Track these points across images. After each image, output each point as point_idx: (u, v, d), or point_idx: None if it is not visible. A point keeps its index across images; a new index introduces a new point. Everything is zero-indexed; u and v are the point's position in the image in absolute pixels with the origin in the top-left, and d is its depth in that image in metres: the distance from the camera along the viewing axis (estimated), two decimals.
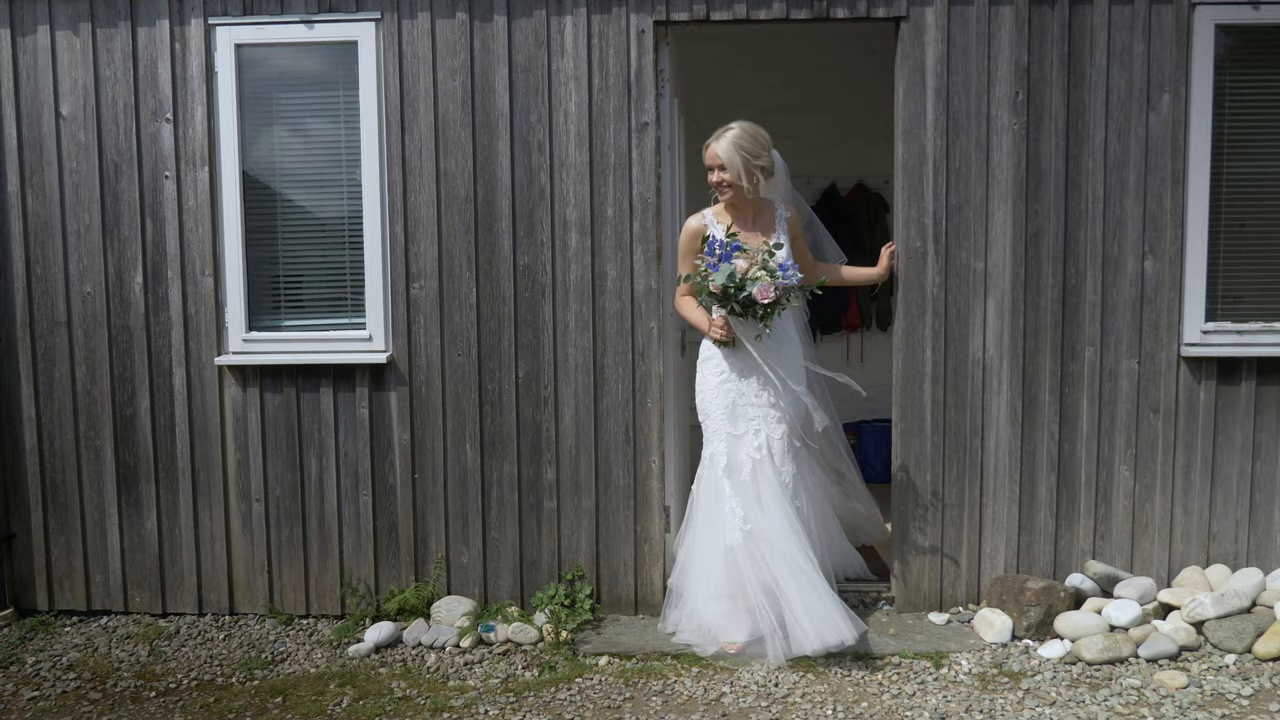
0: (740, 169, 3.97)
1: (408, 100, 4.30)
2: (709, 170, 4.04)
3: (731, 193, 4.02)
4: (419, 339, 4.36)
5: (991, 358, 4.24)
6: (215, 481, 4.47)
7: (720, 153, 3.98)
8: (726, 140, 3.97)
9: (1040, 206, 4.18)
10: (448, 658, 4.04)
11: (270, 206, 4.42)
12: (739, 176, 3.97)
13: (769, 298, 3.79)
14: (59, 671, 4.02)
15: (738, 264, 3.82)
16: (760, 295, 3.79)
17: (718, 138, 4.00)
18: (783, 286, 3.82)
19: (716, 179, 4.02)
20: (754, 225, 4.10)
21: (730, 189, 4.01)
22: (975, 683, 3.68)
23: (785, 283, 3.82)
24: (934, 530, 4.30)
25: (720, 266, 3.84)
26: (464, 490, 4.40)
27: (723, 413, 4.04)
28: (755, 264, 3.84)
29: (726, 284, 3.80)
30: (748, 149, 3.98)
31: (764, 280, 3.79)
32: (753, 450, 3.99)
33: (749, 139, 3.99)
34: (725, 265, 3.83)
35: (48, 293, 4.45)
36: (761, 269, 3.83)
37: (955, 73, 4.17)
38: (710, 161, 4.03)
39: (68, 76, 4.38)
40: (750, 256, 3.85)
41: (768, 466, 3.99)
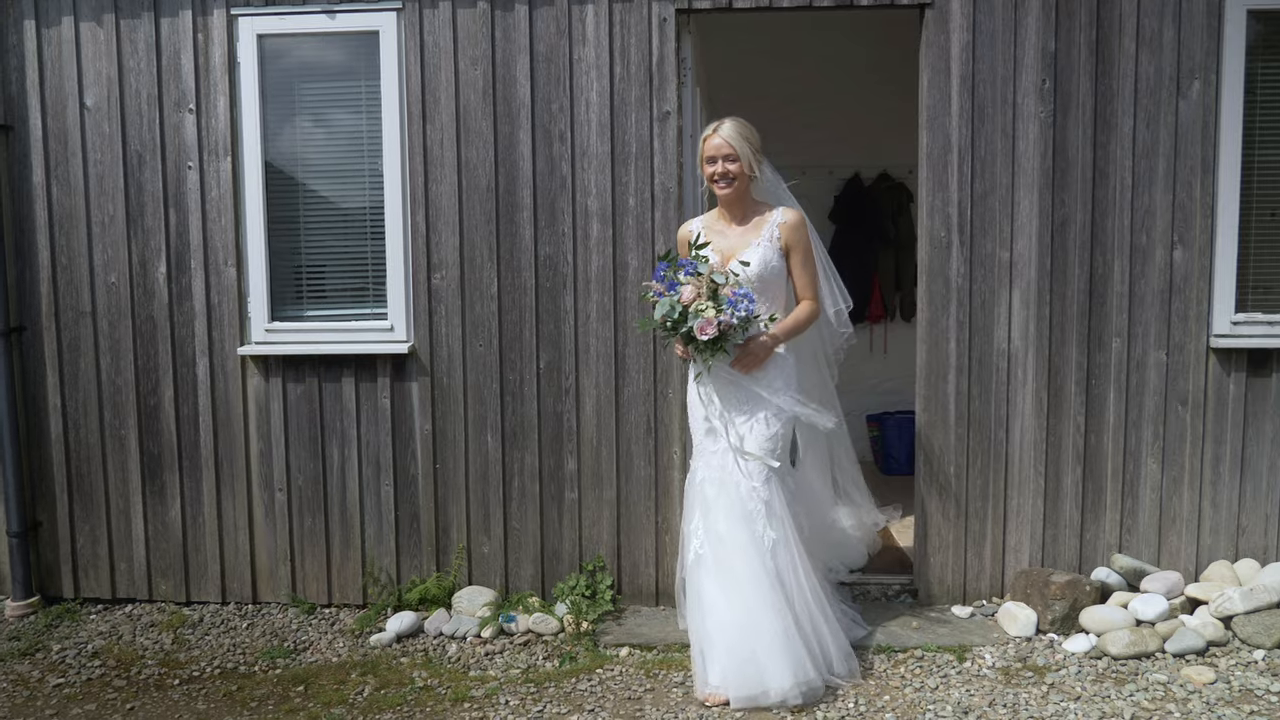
0: (750, 157, 3.71)
1: (429, 90, 4.29)
2: (709, 163, 3.72)
3: (736, 187, 3.71)
4: (440, 329, 4.36)
5: (1017, 349, 4.20)
6: (238, 471, 4.50)
7: (730, 140, 3.69)
8: (730, 128, 3.71)
9: (1067, 195, 4.13)
10: (469, 648, 4.04)
11: (292, 197, 4.43)
12: (749, 166, 3.71)
13: (708, 334, 3.42)
14: (84, 659, 4.05)
15: (684, 292, 3.46)
16: (699, 331, 3.43)
17: (716, 129, 3.72)
18: (725, 324, 3.43)
19: (722, 170, 3.70)
20: (743, 230, 3.77)
21: (736, 181, 3.71)
22: (999, 676, 3.65)
23: (727, 320, 3.43)
24: (957, 523, 4.26)
25: (663, 297, 3.50)
26: (485, 480, 4.40)
27: (701, 427, 3.76)
28: (702, 294, 3.47)
29: (667, 316, 3.48)
30: (749, 138, 3.73)
31: (706, 314, 3.43)
32: (717, 469, 3.67)
33: (748, 128, 3.75)
34: (666, 298, 3.49)
35: (73, 283, 4.48)
36: (708, 299, 3.47)
37: (981, 60, 4.12)
38: (714, 153, 3.71)
39: (92, 67, 4.40)
40: (699, 284, 3.48)
41: (731, 490, 3.63)
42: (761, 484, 3.62)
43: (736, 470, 3.64)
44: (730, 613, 3.53)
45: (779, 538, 3.59)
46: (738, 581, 3.55)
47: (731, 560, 3.57)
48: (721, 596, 3.56)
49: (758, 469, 3.62)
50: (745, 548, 3.57)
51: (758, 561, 3.55)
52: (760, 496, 3.61)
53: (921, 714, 3.39)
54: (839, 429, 4.16)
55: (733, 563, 3.57)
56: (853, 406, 4.84)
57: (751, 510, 3.59)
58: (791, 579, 3.60)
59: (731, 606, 3.53)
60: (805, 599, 3.60)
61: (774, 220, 3.75)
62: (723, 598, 3.56)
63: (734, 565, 3.57)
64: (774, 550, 3.57)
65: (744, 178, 3.72)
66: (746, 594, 3.53)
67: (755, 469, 3.62)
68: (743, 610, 3.52)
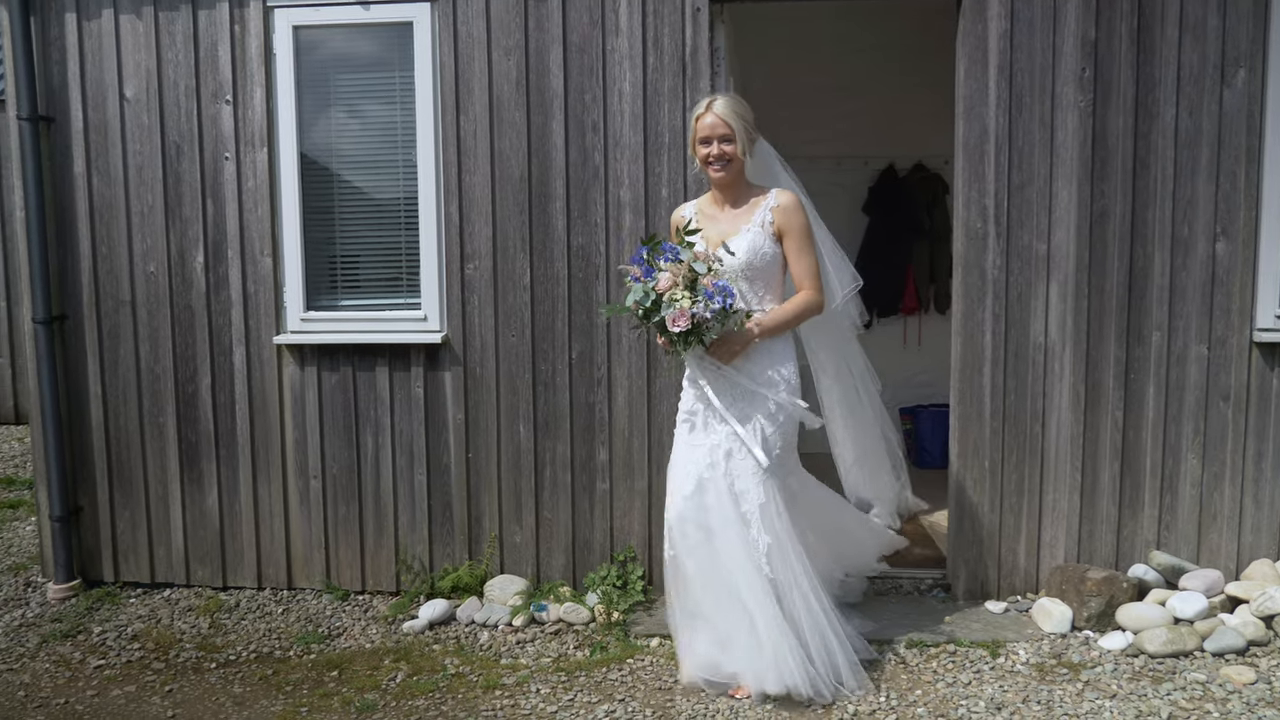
0: (744, 138, 3.51)
1: (462, 81, 4.30)
2: (703, 144, 3.52)
3: (731, 169, 3.53)
4: (473, 319, 4.38)
5: (1054, 342, 4.14)
6: (274, 459, 4.55)
7: (726, 119, 3.47)
8: (724, 105, 3.50)
9: (1107, 186, 4.07)
10: (500, 636, 4.07)
11: (327, 187, 4.46)
12: (744, 147, 3.51)
13: (679, 327, 3.26)
14: (124, 641, 4.12)
15: (660, 279, 3.29)
16: (671, 322, 3.27)
17: (709, 107, 3.51)
18: (700, 316, 3.25)
19: (717, 153, 3.49)
20: (736, 215, 3.60)
21: (731, 164, 3.52)
22: (1033, 673, 3.62)
23: (700, 314, 3.25)
24: (992, 517, 4.22)
25: (638, 283, 3.34)
26: (517, 470, 4.42)
27: (685, 420, 3.60)
28: (679, 283, 3.30)
29: (640, 303, 3.32)
30: (744, 116, 3.52)
31: (680, 305, 3.26)
32: (703, 466, 3.50)
33: (742, 104, 3.56)
34: (641, 283, 3.33)
35: (112, 272, 4.54)
36: (685, 289, 3.29)
37: (1019, 49, 4.06)
38: (709, 133, 3.50)
39: (131, 59, 4.46)
40: (677, 272, 3.30)
41: (721, 488, 3.47)
42: (756, 485, 3.46)
43: (729, 469, 3.48)
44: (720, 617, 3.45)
45: (774, 542, 3.44)
46: (730, 585, 3.43)
47: (724, 564, 3.44)
48: (708, 597, 3.47)
49: (752, 470, 3.47)
50: (737, 551, 3.42)
51: (750, 566, 3.41)
52: (754, 499, 3.45)
53: (954, 709, 3.37)
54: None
55: (727, 566, 3.44)
56: (886, 399, 4.79)
57: (745, 512, 3.45)
58: (788, 581, 3.45)
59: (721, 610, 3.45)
60: (808, 605, 3.46)
61: (767, 204, 3.56)
62: (710, 599, 3.47)
63: (728, 569, 3.44)
64: (769, 555, 3.43)
65: (739, 160, 3.53)
66: (742, 598, 3.41)
67: (750, 469, 3.47)
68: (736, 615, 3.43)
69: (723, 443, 3.50)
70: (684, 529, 3.49)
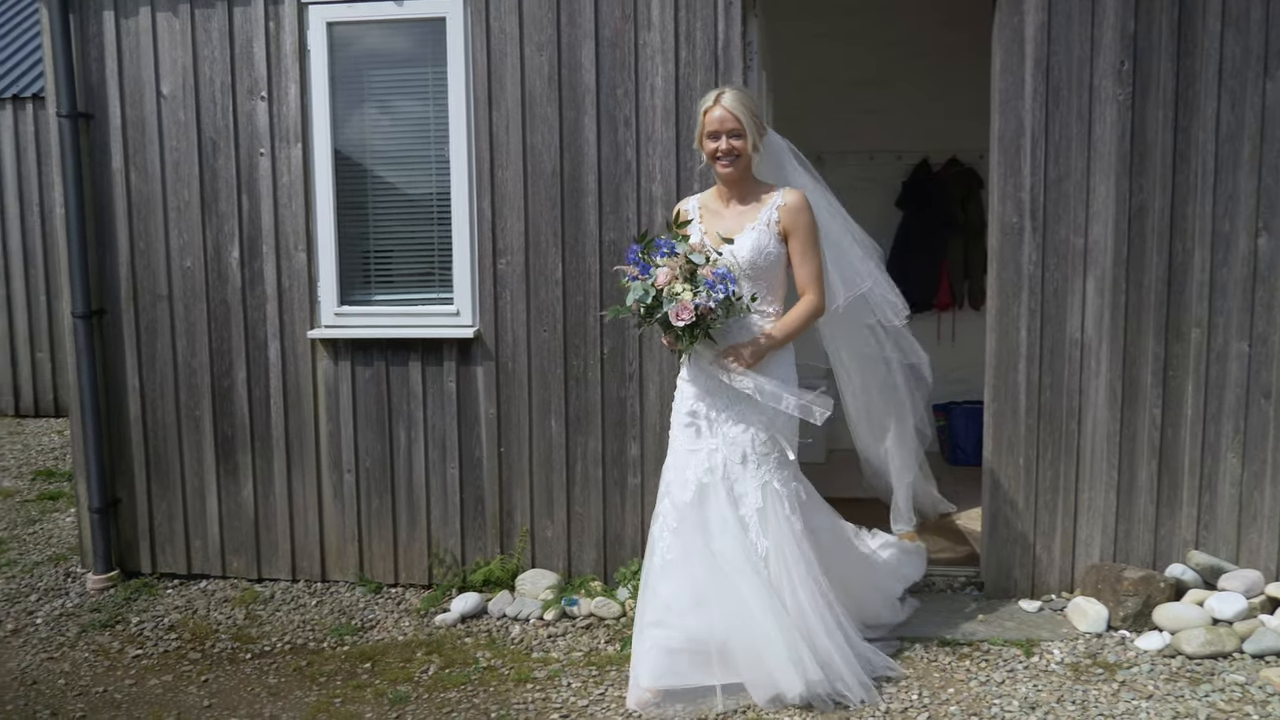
0: (754, 133, 3.40)
1: (495, 76, 4.31)
2: (710, 139, 3.42)
3: (738, 165, 3.43)
4: (505, 314, 4.39)
5: (1090, 338, 4.10)
6: (308, 452, 4.58)
7: (735, 112, 3.36)
8: (733, 98, 3.40)
9: (1145, 181, 4.01)
10: (531, 630, 4.08)
11: (361, 183, 4.49)
12: (752, 143, 3.41)
13: (684, 320, 3.19)
14: (161, 631, 4.18)
15: (659, 275, 3.22)
16: (674, 316, 3.19)
17: (718, 100, 3.40)
18: (704, 307, 3.19)
19: (726, 148, 3.39)
20: (741, 212, 3.50)
21: (739, 159, 3.42)
22: (1068, 672, 3.58)
23: (705, 304, 3.18)
24: (1026, 515, 4.18)
25: (635, 281, 3.26)
26: (549, 464, 4.43)
27: (681, 423, 3.52)
28: (678, 276, 3.23)
29: (640, 301, 3.24)
30: (753, 109, 3.42)
31: (682, 298, 3.18)
32: (702, 471, 3.42)
33: (750, 98, 3.48)
34: (639, 281, 3.25)
35: (150, 267, 4.60)
36: (685, 282, 3.22)
37: (1056, 41, 4.01)
38: (717, 127, 3.39)
39: (168, 56, 4.50)
40: (674, 265, 3.23)
41: (720, 493, 3.40)
42: (755, 489, 3.40)
43: (728, 473, 3.41)
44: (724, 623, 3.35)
45: (773, 547, 3.38)
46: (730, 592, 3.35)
47: (723, 569, 3.37)
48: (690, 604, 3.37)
49: (751, 473, 3.41)
50: (737, 556, 3.35)
51: (750, 571, 3.34)
52: (752, 503, 3.40)
53: (987, 708, 3.34)
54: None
55: (725, 571, 3.36)
56: None
57: (743, 516, 3.39)
58: (789, 588, 3.37)
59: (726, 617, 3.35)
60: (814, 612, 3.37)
61: (773, 202, 3.46)
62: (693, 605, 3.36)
63: (727, 574, 3.36)
64: (767, 559, 3.37)
65: (747, 155, 3.43)
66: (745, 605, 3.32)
67: (749, 473, 3.41)
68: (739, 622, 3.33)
69: (721, 446, 3.43)
70: (683, 536, 3.41)
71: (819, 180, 3.73)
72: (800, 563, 3.40)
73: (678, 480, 3.47)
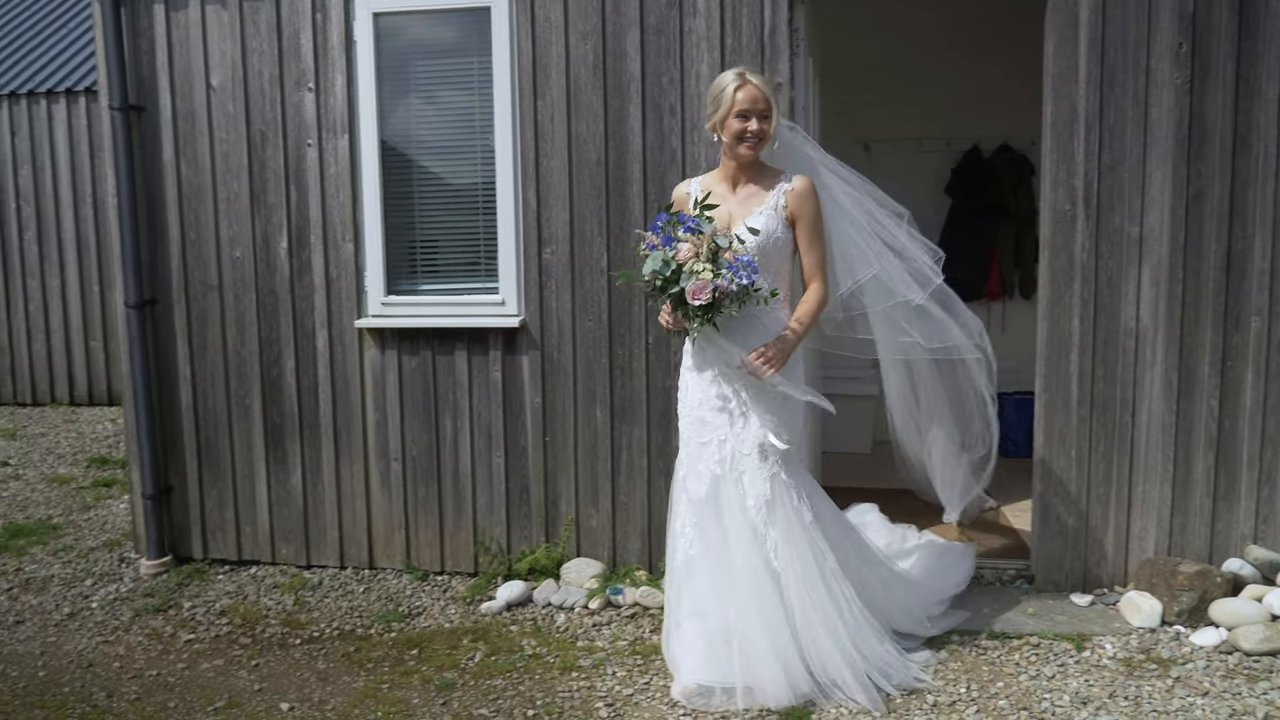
0: (776, 115, 3.36)
1: (540, 65, 4.30)
2: (740, 118, 3.31)
3: (759, 148, 3.37)
4: (550, 303, 4.39)
5: (1145, 327, 4.01)
6: (356, 440, 4.62)
7: (766, 92, 3.30)
8: (759, 79, 3.33)
9: (1204, 166, 3.91)
10: (576, 618, 4.09)
11: (407, 173, 4.50)
12: (774, 126, 3.37)
13: (701, 299, 3.11)
14: (212, 616, 4.24)
15: (681, 250, 3.16)
16: (692, 295, 3.12)
17: (747, 79, 3.31)
18: (722, 289, 3.12)
19: (756, 129, 3.31)
20: (745, 197, 3.43)
21: (762, 142, 3.36)
22: (1120, 668, 3.52)
23: (725, 285, 3.12)
24: (1078, 508, 4.11)
25: (655, 251, 3.19)
26: (594, 454, 4.43)
27: (688, 414, 3.49)
28: (700, 254, 3.16)
29: (658, 273, 3.18)
30: (774, 91, 3.39)
31: (702, 277, 3.11)
32: (714, 463, 3.38)
33: (768, 80, 3.43)
34: (660, 251, 3.18)
35: (200, 257, 4.66)
36: (707, 262, 3.15)
37: (1111, 24, 3.92)
38: (749, 106, 3.29)
39: (217, 49, 4.55)
40: (699, 242, 3.17)
41: (729, 485, 3.36)
42: (764, 480, 3.34)
43: (736, 465, 3.36)
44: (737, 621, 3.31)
45: (781, 537, 3.32)
46: (735, 584, 3.33)
47: (732, 561, 3.34)
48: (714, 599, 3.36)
49: (759, 462, 3.34)
50: (750, 550, 3.31)
51: (760, 563, 3.30)
52: (761, 494, 3.34)
53: (1037, 702, 3.30)
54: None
55: (733, 564, 3.34)
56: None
57: (751, 507, 3.34)
58: (794, 583, 3.31)
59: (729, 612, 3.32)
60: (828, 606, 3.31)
61: (780, 187, 3.40)
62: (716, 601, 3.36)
63: (741, 569, 3.32)
64: (776, 550, 3.32)
65: (769, 138, 3.38)
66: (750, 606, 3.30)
67: (756, 462, 3.34)
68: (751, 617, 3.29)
69: (730, 438, 3.38)
70: (704, 530, 3.39)
71: (826, 155, 3.65)
72: (809, 554, 3.34)
73: (692, 474, 3.45)
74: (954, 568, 4.12)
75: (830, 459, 5.61)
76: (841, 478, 5.51)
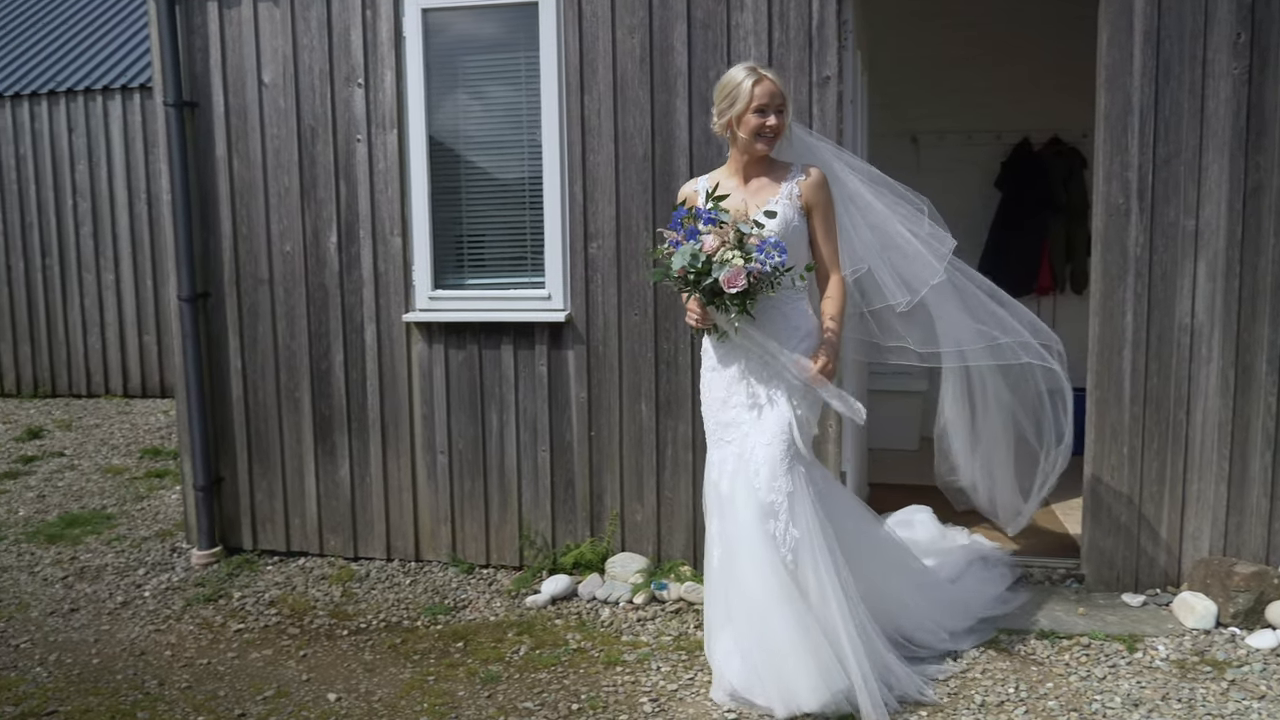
0: (789, 110, 3.35)
1: (587, 60, 4.30)
2: (758, 113, 3.27)
3: (774, 144, 3.35)
4: (596, 298, 4.40)
5: (1201, 324, 3.94)
6: (403, 434, 4.66)
7: (780, 86, 3.28)
8: (773, 73, 3.31)
9: (1263, 159, 3.83)
10: (621, 613, 4.10)
11: (454, 168, 4.53)
12: (789, 120, 3.36)
13: (738, 286, 3.09)
14: (261, 607, 4.30)
15: (706, 241, 3.13)
16: (727, 283, 3.09)
17: (760, 74, 3.26)
18: (756, 272, 3.09)
19: (774, 124, 3.28)
20: (756, 190, 3.39)
21: (777, 138, 3.33)
22: (1173, 670, 3.46)
23: (759, 268, 3.09)
24: (1130, 506, 4.05)
25: (681, 246, 3.17)
26: (639, 449, 4.43)
27: (713, 415, 3.46)
28: (727, 243, 3.14)
29: (688, 267, 3.14)
30: (786, 89, 3.36)
31: (734, 264, 3.09)
32: (733, 459, 3.35)
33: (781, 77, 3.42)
34: (687, 245, 3.15)
35: (251, 251, 4.72)
36: (735, 248, 3.12)
37: (1167, 14, 3.85)
38: (766, 100, 3.25)
39: (269, 45, 4.60)
40: (723, 232, 3.15)
41: (741, 481, 3.30)
42: (785, 473, 3.24)
43: (755, 457, 3.29)
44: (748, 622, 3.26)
45: (802, 536, 3.23)
46: (747, 587, 3.26)
47: (742, 563, 3.27)
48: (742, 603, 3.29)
49: (781, 455, 3.26)
50: (761, 547, 3.23)
51: (777, 562, 3.21)
52: (782, 489, 3.24)
53: (1087, 704, 3.25)
54: None
55: (743, 566, 3.27)
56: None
57: (771, 503, 3.24)
58: (813, 581, 3.22)
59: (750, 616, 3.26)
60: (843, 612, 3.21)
61: (794, 177, 3.37)
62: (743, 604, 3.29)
63: (744, 568, 3.26)
64: (796, 550, 3.22)
65: (783, 133, 3.35)
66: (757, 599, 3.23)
67: (778, 455, 3.26)
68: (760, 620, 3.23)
69: (752, 433, 3.33)
70: (743, 529, 3.29)
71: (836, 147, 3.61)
72: (826, 550, 3.25)
73: (723, 475, 3.39)
74: (989, 582, 4.00)
75: (876, 455, 5.57)
76: (888, 474, 5.48)
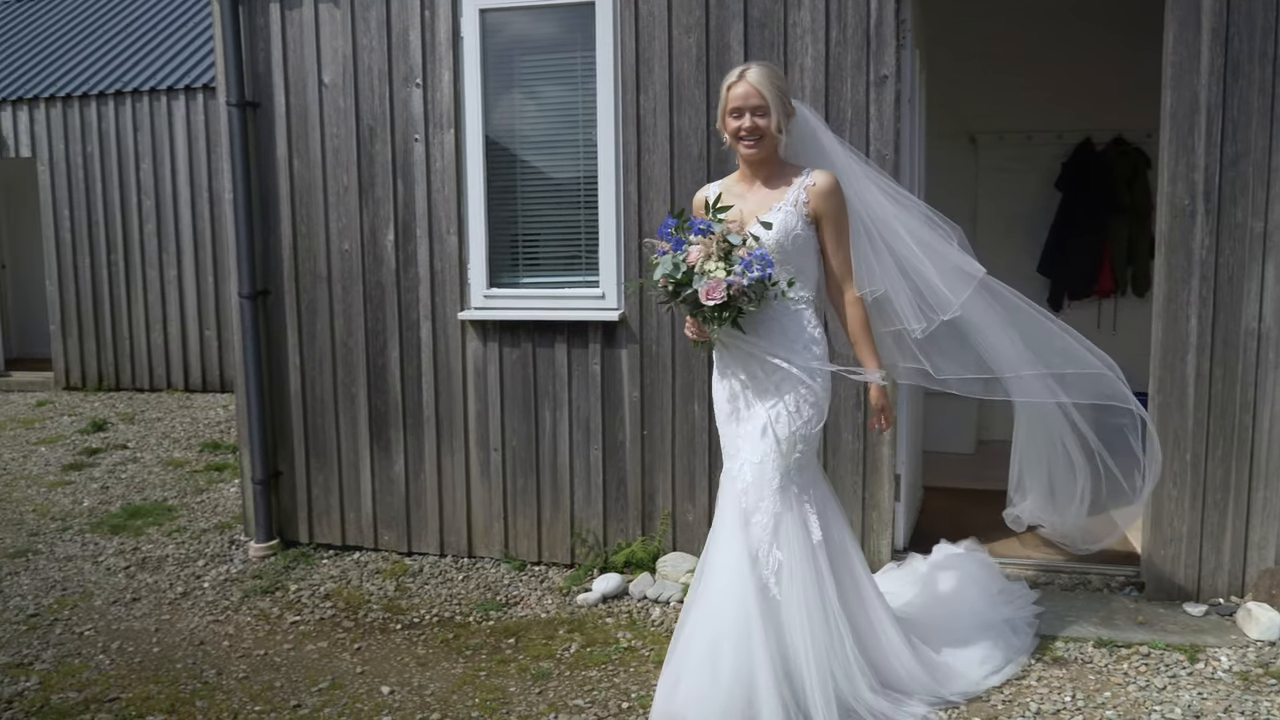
0: (780, 111, 3.15)
1: (643, 59, 4.31)
2: (733, 116, 3.16)
3: (763, 145, 3.17)
4: (650, 298, 4.40)
5: (1269, 328, 3.84)
6: (457, 430, 4.70)
7: (760, 88, 3.11)
8: (759, 74, 3.14)
9: None
10: (672, 612, 4.09)
11: (510, 167, 4.56)
12: (778, 123, 3.15)
13: (715, 299, 2.98)
14: (317, 599, 4.36)
15: (691, 252, 3.03)
16: (706, 295, 2.99)
17: (742, 75, 3.15)
18: (737, 286, 2.98)
19: (750, 126, 3.13)
20: (766, 195, 3.23)
21: (764, 140, 3.16)
22: (1236, 681, 3.38)
23: (739, 282, 2.98)
24: (1192, 514, 3.96)
25: (665, 255, 3.07)
26: (691, 448, 4.42)
27: (720, 424, 3.35)
28: (712, 254, 3.03)
29: (669, 277, 3.04)
30: (780, 86, 3.17)
31: (714, 276, 2.99)
32: (734, 471, 3.22)
33: (778, 74, 3.22)
34: (669, 256, 3.05)
35: (310, 249, 4.79)
36: (719, 260, 3.01)
37: (1236, 10, 3.76)
38: (740, 103, 3.13)
39: (329, 46, 4.67)
40: (709, 244, 3.03)
41: (729, 496, 3.19)
42: (773, 494, 3.12)
43: (742, 476, 3.18)
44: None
45: (785, 559, 3.09)
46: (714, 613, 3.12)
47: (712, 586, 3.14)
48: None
49: (772, 468, 3.13)
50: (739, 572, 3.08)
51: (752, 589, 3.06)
52: (770, 509, 3.12)
53: (1146, 714, 3.19)
54: None
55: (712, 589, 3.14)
56: None
57: (757, 523, 3.12)
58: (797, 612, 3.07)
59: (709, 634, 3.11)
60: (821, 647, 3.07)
61: (802, 182, 3.20)
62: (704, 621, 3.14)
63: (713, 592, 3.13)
64: (779, 574, 3.09)
65: (771, 135, 3.16)
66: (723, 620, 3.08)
67: (769, 467, 3.14)
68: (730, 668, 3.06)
69: (744, 448, 3.22)
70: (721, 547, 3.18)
71: (857, 156, 3.40)
72: (813, 579, 3.11)
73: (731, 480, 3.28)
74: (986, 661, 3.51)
75: (931, 458, 5.51)
76: (944, 478, 5.42)
